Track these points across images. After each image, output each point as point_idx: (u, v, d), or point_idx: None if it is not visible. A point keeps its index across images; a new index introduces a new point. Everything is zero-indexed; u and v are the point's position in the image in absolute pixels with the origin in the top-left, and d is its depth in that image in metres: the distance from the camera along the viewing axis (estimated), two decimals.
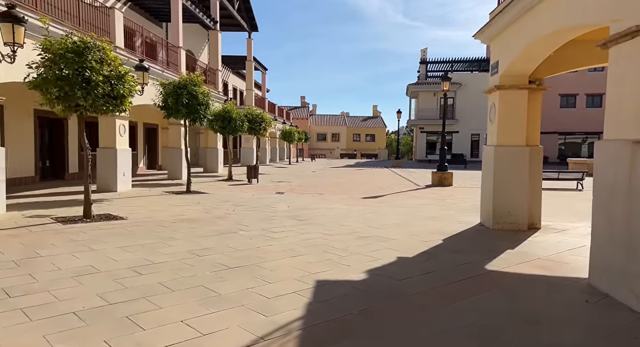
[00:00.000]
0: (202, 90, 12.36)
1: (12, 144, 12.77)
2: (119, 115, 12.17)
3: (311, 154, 52.93)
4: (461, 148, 41.27)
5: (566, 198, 12.91)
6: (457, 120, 41.62)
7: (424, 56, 45.35)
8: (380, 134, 67.45)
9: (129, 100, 7.87)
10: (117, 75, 7.45)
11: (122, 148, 12.45)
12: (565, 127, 38.51)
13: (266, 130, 20.97)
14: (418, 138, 44.60)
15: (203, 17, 20.44)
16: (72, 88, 6.83)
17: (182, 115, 12.07)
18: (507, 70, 7.57)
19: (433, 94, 42.59)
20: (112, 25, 12.12)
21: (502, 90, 7.72)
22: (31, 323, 3.27)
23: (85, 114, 7.55)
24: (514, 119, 7.63)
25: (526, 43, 6.66)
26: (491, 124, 8.12)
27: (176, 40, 17.20)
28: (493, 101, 8.06)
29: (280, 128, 37.20)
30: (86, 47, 7.09)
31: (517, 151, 7.57)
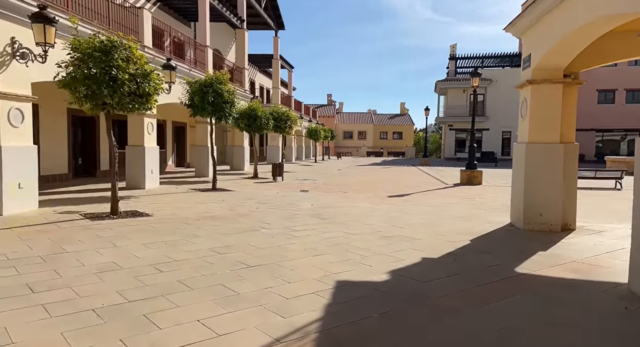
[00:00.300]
0: (228, 88, 12.42)
1: (46, 142, 13.22)
2: (147, 114, 12.36)
3: (337, 152, 52.74)
4: (491, 146, 40.24)
5: (603, 198, 12.32)
6: (488, 117, 40.59)
7: (453, 52, 44.44)
8: (408, 132, 66.62)
9: (155, 98, 7.95)
10: (143, 74, 7.53)
11: (150, 146, 12.66)
12: (603, 123, 36.98)
13: (292, 129, 20.95)
14: (447, 136, 43.76)
15: (230, 16, 20.60)
16: (99, 86, 6.94)
17: (208, 113, 12.17)
18: (540, 64, 7.23)
19: (462, 91, 41.65)
20: (141, 25, 12.32)
21: (534, 84, 7.38)
22: (51, 320, 3.29)
23: (113, 112, 7.66)
24: (547, 115, 7.29)
25: (561, 35, 6.33)
26: (522, 121, 7.79)
27: (203, 39, 17.37)
28: (524, 96, 7.73)
29: (306, 126, 37.20)
30: (113, 46, 7.19)
31: (550, 149, 7.23)
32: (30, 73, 8.06)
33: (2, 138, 7.53)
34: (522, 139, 7.75)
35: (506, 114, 37.91)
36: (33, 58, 7.96)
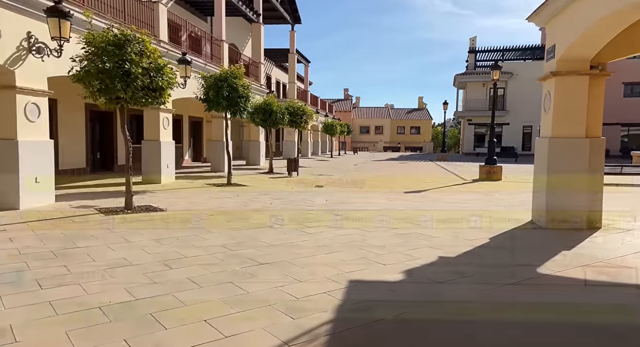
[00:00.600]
0: (243, 82, 12.33)
1: (64, 137, 13.37)
2: (163, 109, 12.38)
3: (354, 147, 52.44)
4: (512, 141, 39.38)
5: (631, 194, 11.87)
6: (508, 111, 39.75)
7: (472, 45, 43.57)
8: (426, 127, 65.80)
9: (168, 93, 7.90)
10: (156, 68, 7.47)
11: (166, 141, 12.68)
12: (629, 117, 35.78)
13: (307, 123, 20.82)
14: (465, 130, 43.04)
15: (246, 10, 20.51)
16: (112, 81, 6.90)
17: (223, 107, 12.11)
18: (565, 55, 6.92)
19: (482, 85, 40.84)
20: (156, 19, 12.30)
21: (558, 76, 7.07)
22: (57, 317, 3.23)
23: (126, 106, 7.63)
24: (572, 108, 6.97)
25: (587, 24, 6.03)
26: (545, 114, 7.49)
27: (219, 33, 17.32)
28: (548, 89, 7.42)
29: (323, 121, 37.01)
30: (126, 40, 7.15)
31: (575, 143, 6.92)
32: (47, 68, 8.09)
33: (19, 132, 7.57)
34: (545, 133, 7.45)
35: (527, 108, 37.04)
36: (49, 52, 7.98)
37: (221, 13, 17.29)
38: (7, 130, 7.56)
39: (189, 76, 12.38)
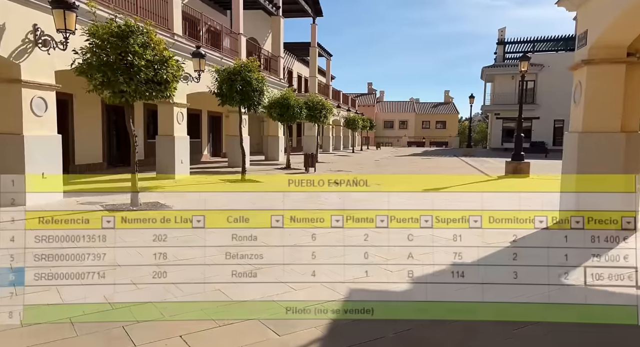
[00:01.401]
0: (257, 76, 12.02)
1: (80, 132, 13.39)
2: (177, 103, 12.22)
3: (377, 142, 51.67)
4: (542, 136, 37.90)
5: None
6: (538, 105, 38.25)
7: (501, 36, 42.09)
8: (452, 121, 64.31)
9: (174, 86, 7.64)
10: (160, 60, 7.22)
11: (180, 135, 12.53)
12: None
13: (327, 118, 20.42)
14: (493, 125, 41.71)
15: (265, 3, 20.19)
16: (115, 73, 6.68)
17: (236, 102, 11.83)
18: (598, 41, 6.29)
19: (511, 77, 39.36)
20: (170, 12, 12.11)
21: (591, 65, 6.45)
22: (22, 329, 2.97)
23: (132, 100, 7.42)
24: (606, 100, 6.35)
25: (624, 6, 5.41)
26: (575, 106, 6.88)
27: (237, 26, 17.07)
28: (579, 79, 6.80)
29: (345, 116, 36.50)
30: (130, 31, 6.91)
31: (609, 138, 6.30)
32: (54, 61, 7.96)
33: (25, 127, 7.49)
34: (574, 127, 6.84)
35: (559, 101, 35.47)
36: (54, 45, 7.83)
37: (239, 6, 17.02)
38: (13, 125, 7.48)
39: (202, 70, 12.16)
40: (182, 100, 12.47)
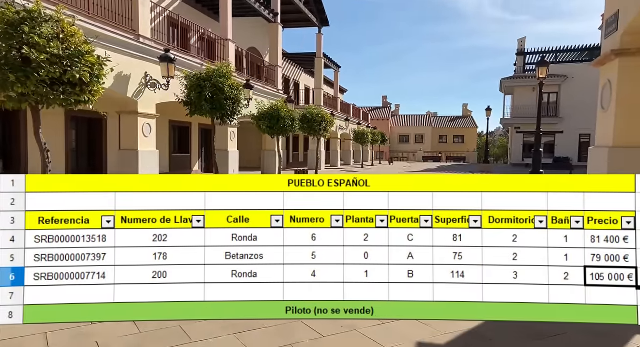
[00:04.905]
0: (231, 82, 10.62)
1: None
2: (143, 114, 10.89)
3: (390, 157, 49.78)
4: (566, 151, 35.49)
5: None
6: (562, 118, 35.95)
7: (521, 47, 40.09)
8: (471, 135, 61.99)
9: (96, 88, 6.21)
10: (73, 55, 5.81)
11: (146, 150, 11.14)
12: None
13: (326, 131, 18.91)
14: (513, 139, 39.48)
15: (260, 9, 18.98)
16: (2, 71, 5.30)
17: (206, 111, 10.42)
18: (634, 25, 4.59)
19: (532, 89, 37.24)
20: (136, 11, 10.83)
21: (624, 57, 4.75)
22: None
23: (43, 106, 6.04)
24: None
25: None
26: (603, 113, 5.15)
27: (225, 32, 15.80)
28: (607, 77, 5.08)
29: (354, 129, 34.94)
30: (30, 18, 5.55)
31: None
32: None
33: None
34: (602, 140, 5.10)
35: (584, 114, 33.12)
36: None
37: (227, 10, 15.78)
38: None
39: (172, 76, 10.84)
40: (149, 110, 11.15)
